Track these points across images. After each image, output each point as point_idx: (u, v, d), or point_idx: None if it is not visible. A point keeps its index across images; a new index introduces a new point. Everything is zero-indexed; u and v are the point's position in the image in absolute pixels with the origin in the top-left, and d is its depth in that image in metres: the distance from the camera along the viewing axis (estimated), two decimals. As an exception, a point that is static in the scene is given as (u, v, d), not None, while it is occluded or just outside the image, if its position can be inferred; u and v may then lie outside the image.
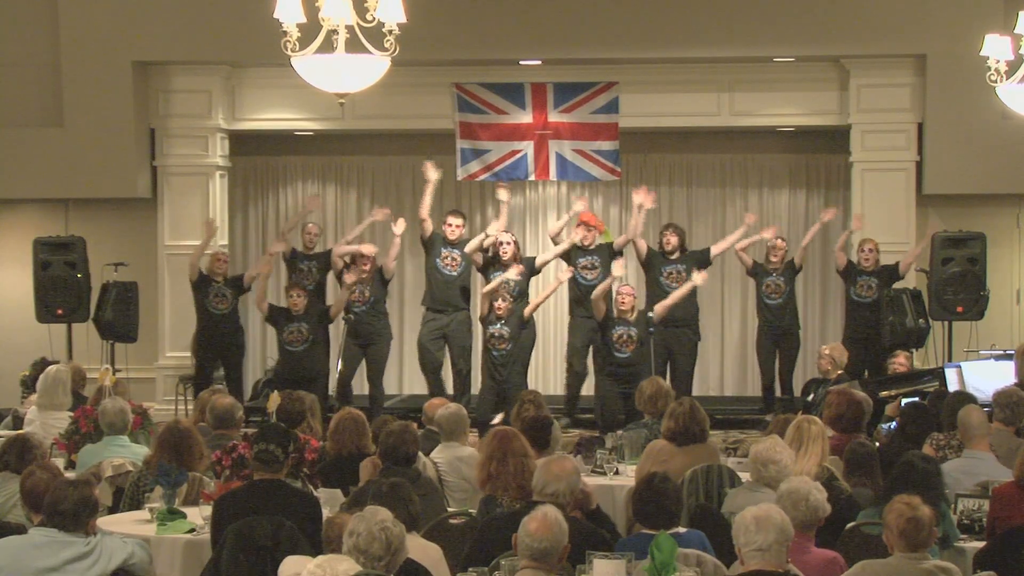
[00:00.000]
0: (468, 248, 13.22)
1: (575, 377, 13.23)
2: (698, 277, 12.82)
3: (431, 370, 13.36)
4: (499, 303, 12.78)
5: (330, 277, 13.79)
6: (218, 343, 13.49)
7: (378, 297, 13.45)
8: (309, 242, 13.88)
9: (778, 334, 13.43)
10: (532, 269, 13.36)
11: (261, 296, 13.17)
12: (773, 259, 13.37)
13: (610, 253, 13.25)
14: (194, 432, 7.97)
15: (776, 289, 13.35)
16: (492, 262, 13.23)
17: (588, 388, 13.28)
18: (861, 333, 13.15)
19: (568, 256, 13.35)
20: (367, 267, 13.31)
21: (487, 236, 13.28)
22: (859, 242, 13.49)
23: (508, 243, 13.20)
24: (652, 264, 13.29)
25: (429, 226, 13.42)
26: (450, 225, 13.35)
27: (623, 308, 12.54)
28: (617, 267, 12.77)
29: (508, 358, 12.83)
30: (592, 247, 13.25)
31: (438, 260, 13.33)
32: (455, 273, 13.28)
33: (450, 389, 13.37)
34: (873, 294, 13.25)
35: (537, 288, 13.76)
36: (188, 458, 7.71)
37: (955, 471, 7.74)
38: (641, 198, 13.26)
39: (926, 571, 5.56)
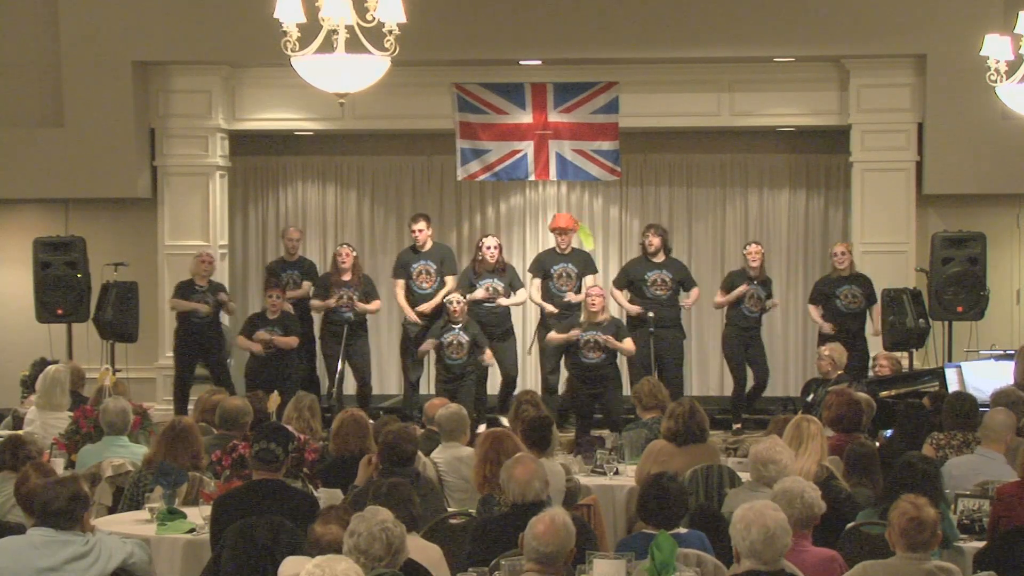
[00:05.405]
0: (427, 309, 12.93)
1: (548, 395, 12.65)
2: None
3: (411, 372, 13.24)
4: (454, 306, 12.47)
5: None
6: (197, 345, 13.38)
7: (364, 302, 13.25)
8: (292, 247, 13.80)
9: (748, 334, 13.24)
10: (514, 279, 13.19)
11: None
12: (753, 264, 13.17)
13: (585, 261, 13.17)
14: (193, 430, 7.98)
15: (756, 302, 13.20)
16: (475, 269, 13.06)
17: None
18: (842, 341, 12.23)
19: (541, 267, 13.20)
20: (347, 272, 13.08)
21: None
22: (832, 247, 13.44)
23: (493, 247, 13.02)
24: (633, 276, 13.10)
25: (401, 291, 13.24)
26: (414, 232, 13.19)
27: (593, 310, 12.12)
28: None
29: (464, 368, 12.47)
30: (567, 252, 13.14)
31: (412, 282, 13.15)
32: (431, 289, 13.10)
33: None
34: (860, 304, 13.01)
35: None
36: (182, 455, 7.72)
37: (963, 466, 7.74)
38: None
39: (927, 572, 5.56)
